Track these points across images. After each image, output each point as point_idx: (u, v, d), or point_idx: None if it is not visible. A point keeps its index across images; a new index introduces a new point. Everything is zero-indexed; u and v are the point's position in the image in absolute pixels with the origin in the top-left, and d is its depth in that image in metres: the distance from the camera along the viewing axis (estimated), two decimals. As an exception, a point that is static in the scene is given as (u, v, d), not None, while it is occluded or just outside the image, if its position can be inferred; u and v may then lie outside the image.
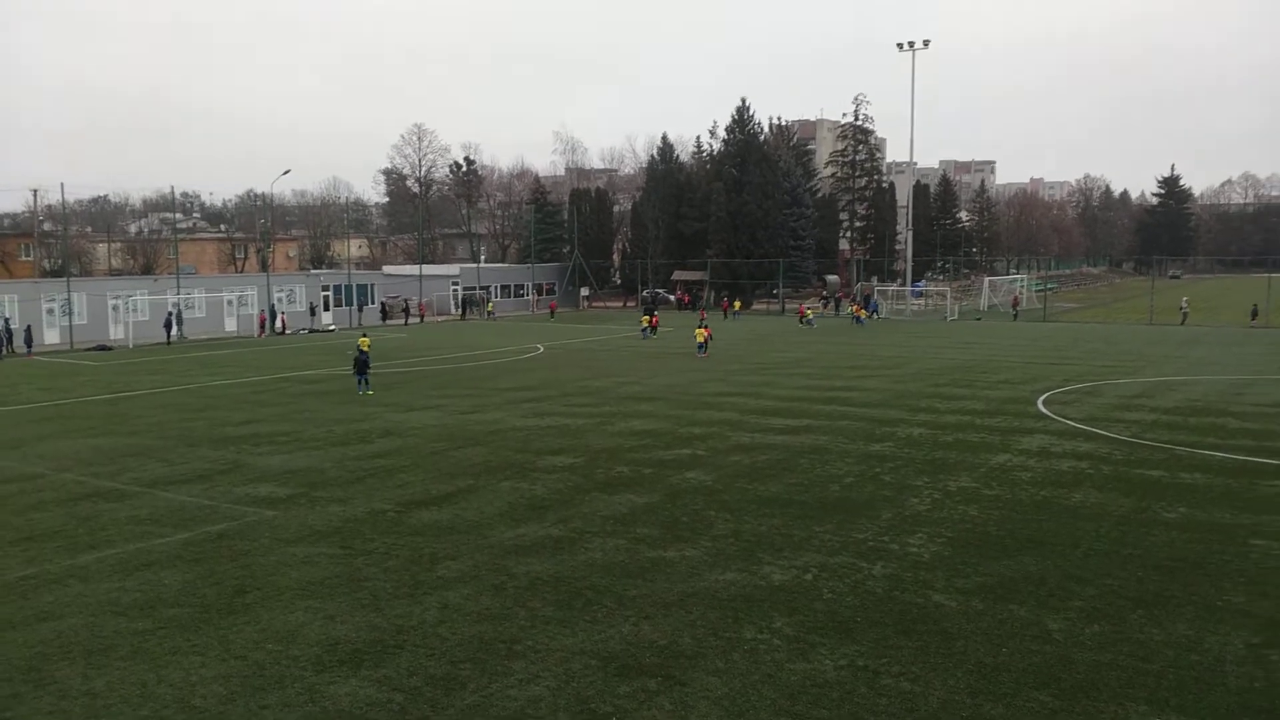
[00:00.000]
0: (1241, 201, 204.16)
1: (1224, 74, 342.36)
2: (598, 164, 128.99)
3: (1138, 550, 14.89)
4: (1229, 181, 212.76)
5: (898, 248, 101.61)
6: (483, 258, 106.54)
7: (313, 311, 67.53)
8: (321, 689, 10.42)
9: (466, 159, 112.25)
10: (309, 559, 14.87)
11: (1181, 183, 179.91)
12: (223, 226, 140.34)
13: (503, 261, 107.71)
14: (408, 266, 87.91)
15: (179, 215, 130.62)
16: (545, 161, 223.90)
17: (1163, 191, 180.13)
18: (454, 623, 12.20)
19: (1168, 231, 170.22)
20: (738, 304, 78.10)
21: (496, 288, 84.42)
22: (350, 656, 11.22)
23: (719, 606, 12.64)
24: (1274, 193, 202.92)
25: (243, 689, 10.46)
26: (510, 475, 20.35)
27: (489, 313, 76.76)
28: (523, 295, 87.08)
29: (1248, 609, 12.41)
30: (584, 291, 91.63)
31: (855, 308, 68.56)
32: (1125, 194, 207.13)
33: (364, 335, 39.15)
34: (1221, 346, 48.28)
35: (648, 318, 58.29)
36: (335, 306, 70.23)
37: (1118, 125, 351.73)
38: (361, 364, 33.00)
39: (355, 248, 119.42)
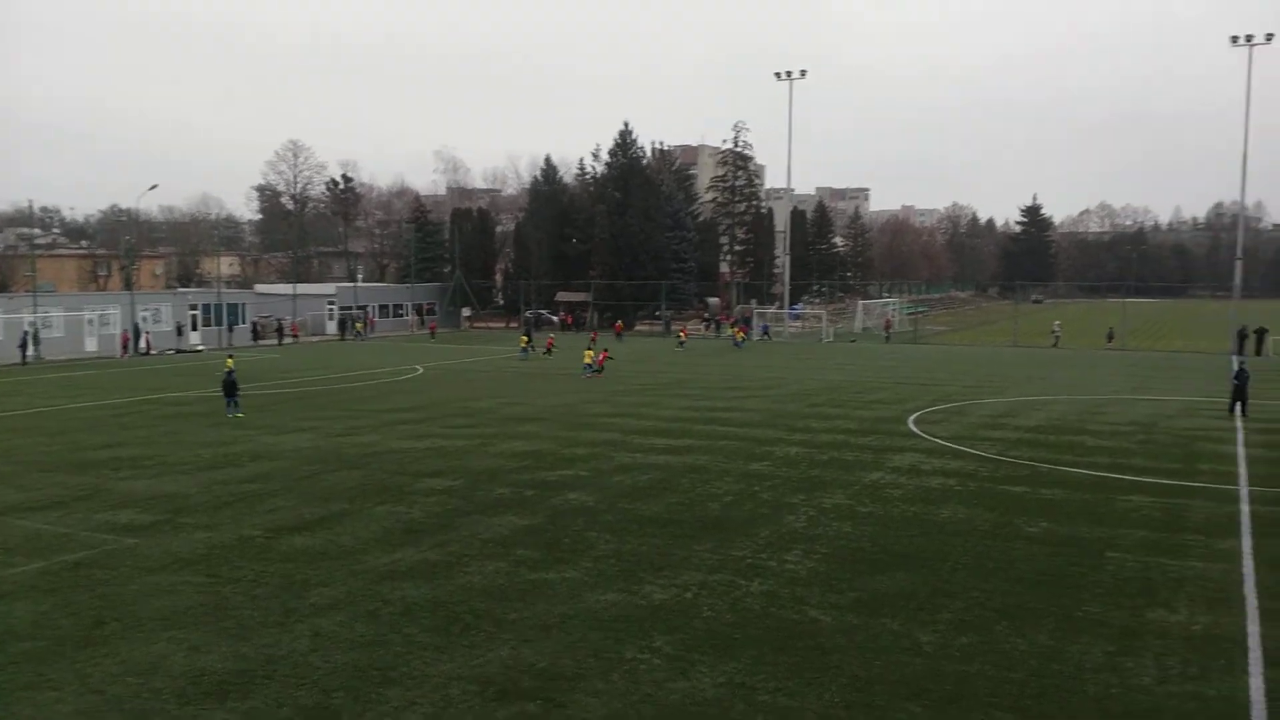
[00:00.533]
0: (1098, 230, 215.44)
1: (1084, 111, 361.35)
2: (480, 184, 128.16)
3: (1002, 564, 15.47)
4: (1087, 211, 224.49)
5: (776, 271, 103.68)
6: (360, 277, 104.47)
7: (179, 331, 64.94)
8: (184, 723, 9.98)
9: (344, 176, 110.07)
10: (172, 588, 14.25)
11: (1043, 212, 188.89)
12: (84, 243, 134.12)
13: (381, 281, 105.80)
14: (281, 285, 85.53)
15: (38, 231, 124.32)
16: (426, 180, 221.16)
17: (1025, 220, 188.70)
18: (326, 651, 11.85)
19: (1030, 258, 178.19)
20: (619, 324, 78.39)
21: (375, 307, 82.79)
22: (216, 688, 10.78)
23: (600, 627, 12.61)
24: (1128, 222, 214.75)
25: (98, 726, 9.94)
26: (386, 499, 19.93)
27: (357, 332, 74.85)
28: (402, 315, 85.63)
29: (1104, 619, 13.00)
30: (465, 312, 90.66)
31: (736, 330, 69.30)
32: (991, 222, 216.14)
33: (230, 356, 38.10)
34: (1080, 368, 50.69)
35: (526, 338, 57.81)
36: (204, 326, 67.69)
37: (985, 155, 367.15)
38: (230, 385, 31.95)
39: (226, 265, 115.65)
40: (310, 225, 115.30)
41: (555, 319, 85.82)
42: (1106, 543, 16.67)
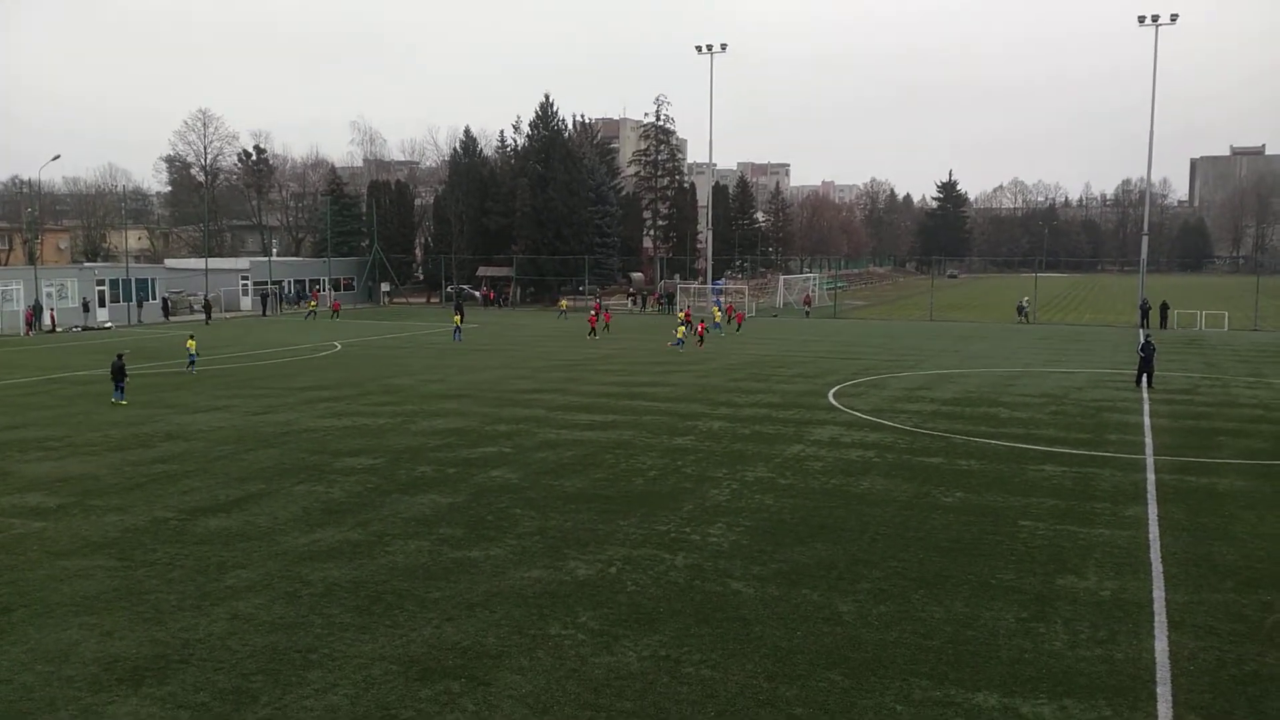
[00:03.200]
0: (1011, 206, 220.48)
1: (996, 88, 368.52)
2: (398, 156, 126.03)
3: (920, 533, 15.82)
4: (1000, 187, 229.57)
5: (699, 246, 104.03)
6: (275, 251, 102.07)
7: (86, 308, 62.76)
8: (98, 710, 9.72)
9: (256, 148, 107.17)
10: (83, 572, 13.83)
11: (958, 188, 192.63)
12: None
13: (297, 255, 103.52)
14: (193, 260, 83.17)
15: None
16: (342, 152, 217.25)
17: (941, 196, 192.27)
18: (244, 634, 11.63)
19: (946, 233, 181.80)
20: (490, 292, 76.64)
21: (290, 282, 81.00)
22: (130, 674, 10.51)
23: (524, 604, 12.59)
24: (1040, 198, 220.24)
25: (9, 715, 9.62)
26: (305, 478, 19.59)
27: (311, 311, 70.97)
28: (320, 291, 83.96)
29: (1017, 585, 13.39)
30: (385, 287, 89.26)
31: (680, 328, 49.99)
32: (908, 197, 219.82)
33: (191, 337, 38.56)
34: (993, 341, 51.95)
35: (459, 316, 55.73)
36: (112, 302, 65.53)
37: (903, 132, 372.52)
38: (118, 370, 29.41)
39: (134, 239, 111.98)
40: (222, 198, 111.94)
41: (478, 295, 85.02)
42: (1019, 511, 17.15)
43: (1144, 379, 33.13)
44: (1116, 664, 10.88)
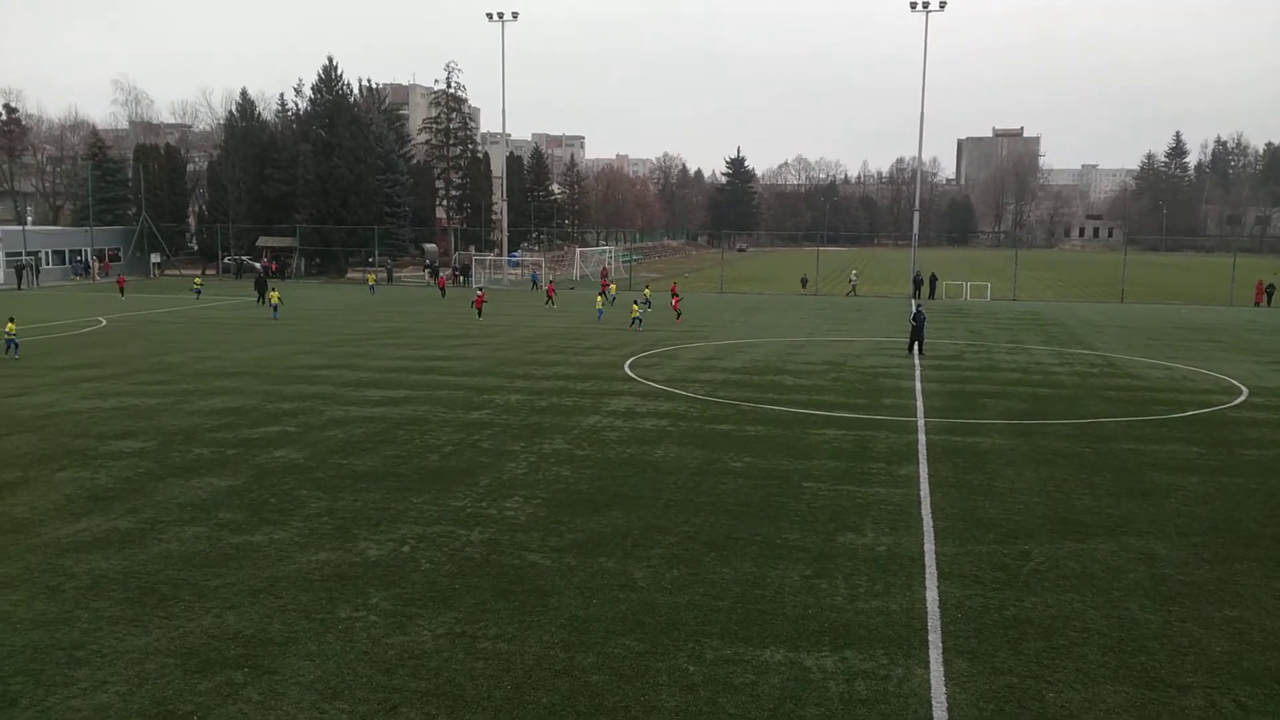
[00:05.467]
0: (795, 182, 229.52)
1: (783, 67, 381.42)
2: (168, 118, 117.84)
3: (710, 498, 16.25)
4: (785, 164, 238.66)
5: (494, 218, 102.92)
6: (30, 219, 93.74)
7: None
8: None
9: (6, 106, 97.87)
10: None
11: (746, 164, 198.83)
12: None
13: (55, 224, 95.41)
14: (-67, 228, 75.27)
15: None
16: (104, 113, 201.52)
17: (730, 171, 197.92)
18: (1, 633, 10.66)
19: (735, 208, 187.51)
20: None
21: (48, 253, 74.62)
22: None
23: (311, 588, 12.11)
24: (822, 175, 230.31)
25: None
26: (68, 464, 18.13)
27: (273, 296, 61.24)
28: (80, 261, 77.83)
29: (802, 544, 13.97)
30: (155, 258, 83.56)
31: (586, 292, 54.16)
32: (700, 173, 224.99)
33: (11, 320, 32.93)
34: (778, 312, 54.00)
35: (275, 294, 48.35)
36: None
37: (693, 110, 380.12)
38: None
39: None
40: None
41: (258, 266, 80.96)
42: (803, 474, 17.90)
43: (915, 346, 35.26)
44: (892, 615, 11.53)
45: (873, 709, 9.34)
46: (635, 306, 45.02)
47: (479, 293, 49.84)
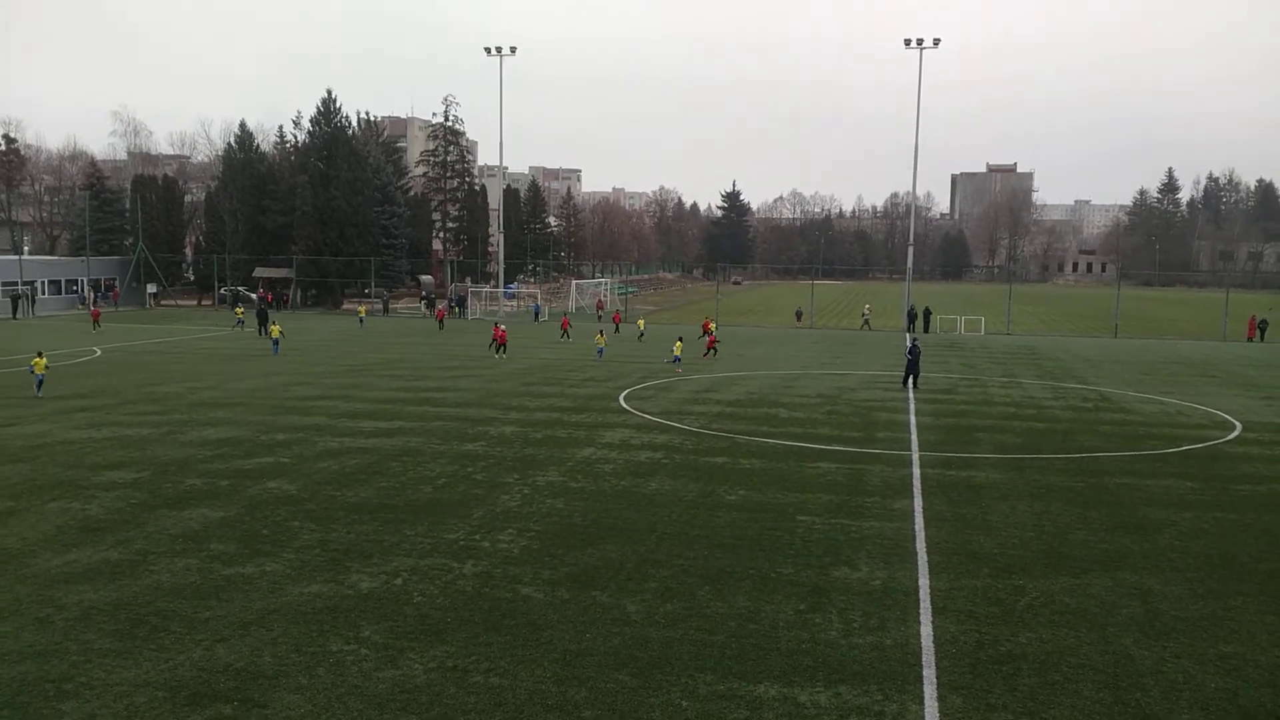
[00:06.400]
0: (790, 216, 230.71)
1: (776, 102, 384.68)
2: (166, 149, 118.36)
3: (705, 531, 16.20)
4: (781, 198, 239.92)
5: (490, 249, 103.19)
6: (27, 249, 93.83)
7: None
8: None
9: (6, 136, 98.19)
10: None
11: (741, 197, 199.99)
12: None
13: (52, 254, 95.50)
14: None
15: None
16: (103, 144, 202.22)
17: (726, 205, 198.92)
18: (-15, 667, 10.57)
19: (730, 241, 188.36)
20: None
21: (44, 283, 74.56)
22: None
23: (303, 621, 12.03)
24: (817, 209, 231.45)
25: None
26: (59, 494, 18.05)
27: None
28: (75, 292, 77.81)
29: (795, 579, 13.92)
30: (151, 288, 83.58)
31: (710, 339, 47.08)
32: (695, 206, 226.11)
33: (40, 355, 31.16)
34: (773, 345, 54.07)
35: (276, 327, 46.69)
36: None
37: (689, 143, 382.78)
38: None
39: None
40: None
41: (254, 296, 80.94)
42: (798, 507, 17.87)
43: (910, 380, 35.29)
44: (886, 650, 11.47)
45: (867, 745, 9.27)
46: (679, 345, 41.53)
47: (501, 328, 46.29)
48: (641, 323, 59.93)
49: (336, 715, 9.64)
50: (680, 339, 43.00)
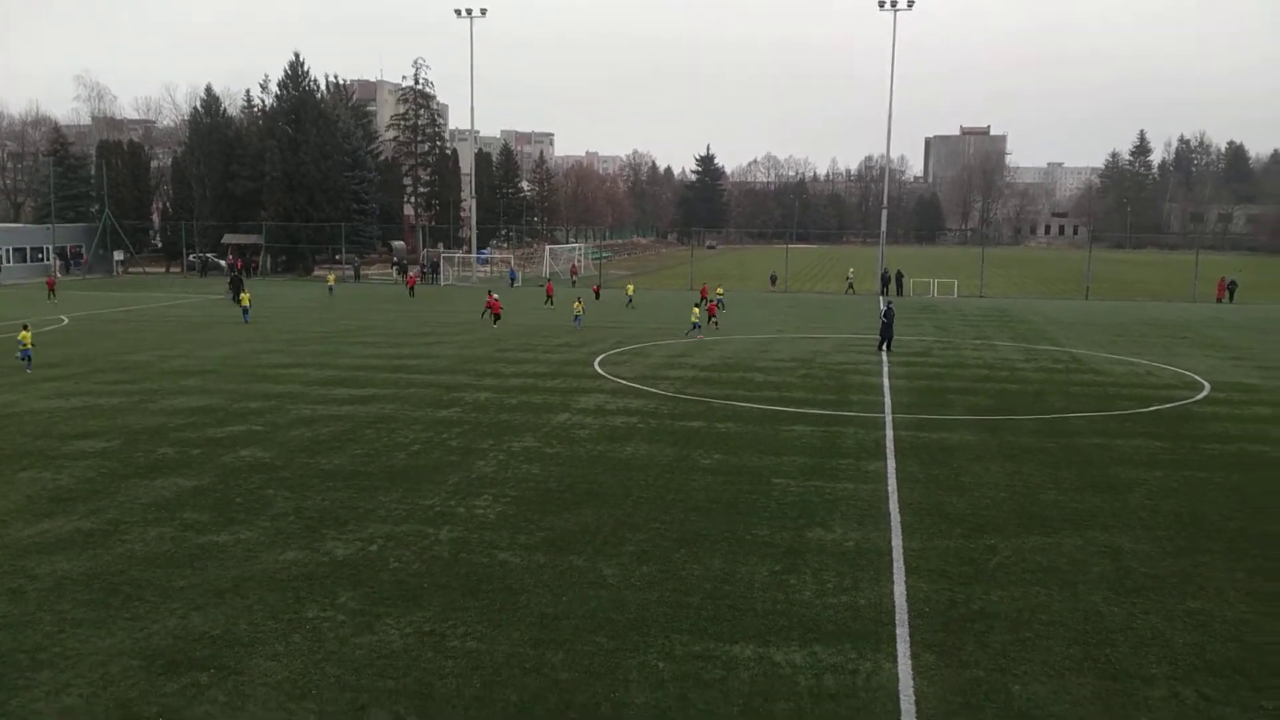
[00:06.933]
0: (765, 180, 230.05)
1: (752, 67, 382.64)
2: (131, 114, 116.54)
3: (680, 495, 16.26)
4: (755, 161, 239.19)
5: (463, 215, 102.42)
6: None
7: None
8: None
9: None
10: None
11: (716, 161, 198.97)
12: None
13: (16, 221, 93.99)
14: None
15: None
16: (66, 109, 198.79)
17: (700, 169, 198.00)
18: (-45, 639, 10.49)
19: (704, 206, 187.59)
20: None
21: (9, 250, 73.39)
22: None
23: (278, 588, 12.00)
24: (791, 173, 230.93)
25: None
26: (29, 464, 17.86)
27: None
28: (40, 260, 76.65)
29: (770, 540, 14.01)
30: (118, 255, 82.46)
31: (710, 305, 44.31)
32: (669, 170, 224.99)
33: (25, 328, 30.10)
34: (748, 309, 54.11)
35: (245, 295, 45.40)
36: None
37: (664, 106, 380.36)
38: None
39: None
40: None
41: (223, 264, 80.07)
42: (773, 470, 17.96)
43: (884, 343, 35.45)
44: (860, 610, 11.59)
45: (841, 703, 9.39)
46: (695, 310, 40.59)
47: (494, 297, 44.65)
48: (630, 288, 59.40)
49: (313, 682, 9.65)
50: (696, 305, 42.00)
